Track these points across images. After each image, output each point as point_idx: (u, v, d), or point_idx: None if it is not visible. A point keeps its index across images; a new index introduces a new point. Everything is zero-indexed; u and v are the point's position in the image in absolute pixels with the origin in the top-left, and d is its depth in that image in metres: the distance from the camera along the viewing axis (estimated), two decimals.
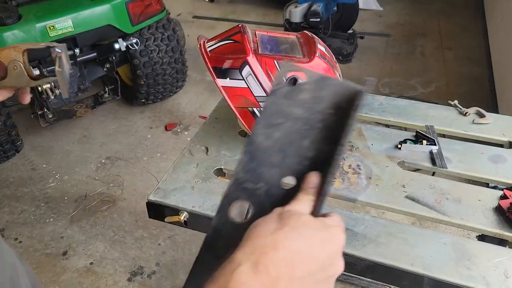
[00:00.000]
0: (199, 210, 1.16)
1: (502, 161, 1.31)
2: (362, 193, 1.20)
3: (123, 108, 3.53)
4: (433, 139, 1.35)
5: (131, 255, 2.31)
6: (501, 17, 3.76)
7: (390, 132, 1.44)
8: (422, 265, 1.01)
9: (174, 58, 3.24)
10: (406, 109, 1.55)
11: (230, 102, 1.24)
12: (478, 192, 1.20)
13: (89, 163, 2.96)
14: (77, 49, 2.75)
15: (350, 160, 1.32)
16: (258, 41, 1.29)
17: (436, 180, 1.25)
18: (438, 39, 4.48)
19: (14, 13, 2.44)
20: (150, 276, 2.21)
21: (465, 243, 1.06)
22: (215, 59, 1.23)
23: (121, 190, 2.74)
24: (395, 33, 4.62)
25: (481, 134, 1.44)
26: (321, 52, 1.26)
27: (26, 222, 2.51)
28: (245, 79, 1.20)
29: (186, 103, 3.57)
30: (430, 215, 1.14)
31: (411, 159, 1.32)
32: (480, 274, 0.98)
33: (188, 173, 1.29)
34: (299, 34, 1.37)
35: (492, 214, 1.13)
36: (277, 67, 1.20)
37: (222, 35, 1.32)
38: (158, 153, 3.05)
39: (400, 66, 4.02)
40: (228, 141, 1.42)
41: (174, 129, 3.28)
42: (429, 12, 5.10)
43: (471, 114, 1.52)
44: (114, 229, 2.47)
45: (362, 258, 1.03)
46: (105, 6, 2.72)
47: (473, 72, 3.89)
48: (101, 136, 3.23)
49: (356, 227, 1.10)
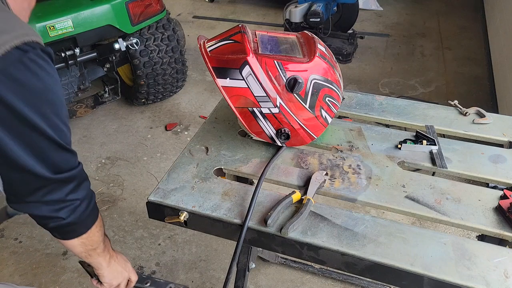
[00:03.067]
0: (199, 210, 1.16)
1: (502, 161, 1.31)
2: (362, 193, 1.20)
3: (123, 108, 3.53)
4: (433, 139, 1.35)
5: (131, 255, 2.31)
6: (501, 17, 3.76)
7: (390, 132, 1.44)
8: (422, 265, 1.01)
9: (174, 58, 3.25)
10: (406, 109, 1.55)
11: (230, 102, 1.24)
12: (478, 192, 1.20)
13: (89, 163, 2.96)
14: (77, 49, 2.75)
15: (350, 160, 1.32)
16: (258, 41, 1.29)
17: (436, 180, 1.25)
18: (438, 39, 4.48)
19: None
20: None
21: (465, 243, 1.06)
22: (215, 59, 1.23)
23: (121, 190, 2.74)
24: (395, 33, 4.62)
25: (481, 134, 1.44)
26: (321, 52, 1.26)
27: (26, 222, 2.50)
28: (245, 79, 1.20)
29: (186, 103, 3.58)
30: (430, 215, 1.14)
31: (411, 159, 1.32)
32: (480, 274, 0.98)
33: (188, 173, 1.29)
34: (299, 34, 1.37)
35: (492, 214, 1.13)
36: (277, 67, 1.20)
37: (222, 35, 1.32)
38: (158, 153, 3.05)
39: (400, 66, 4.02)
40: (228, 141, 1.42)
41: (174, 129, 3.28)
42: (429, 12, 5.10)
43: (471, 114, 1.52)
44: (114, 229, 2.47)
45: (362, 258, 1.03)
46: (105, 6, 2.72)
47: (473, 72, 3.89)
48: (101, 136, 3.23)
49: (356, 227, 1.10)
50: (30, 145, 0.86)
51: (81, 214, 1.01)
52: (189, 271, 2.23)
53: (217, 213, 1.15)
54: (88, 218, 1.05)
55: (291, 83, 1.20)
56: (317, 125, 1.30)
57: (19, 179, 0.90)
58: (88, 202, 1.03)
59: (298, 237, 1.08)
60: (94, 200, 1.07)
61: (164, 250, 2.34)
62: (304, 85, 1.21)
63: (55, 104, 0.88)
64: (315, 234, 1.08)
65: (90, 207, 1.04)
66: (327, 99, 1.27)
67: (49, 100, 0.87)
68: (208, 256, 2.30)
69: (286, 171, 1.28)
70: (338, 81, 1.31)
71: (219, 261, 2.27)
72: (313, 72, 1.22)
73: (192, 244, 2.36)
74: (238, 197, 1.20)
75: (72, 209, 0.98)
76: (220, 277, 2.19)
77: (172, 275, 2.21)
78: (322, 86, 1.24)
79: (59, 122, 0.89)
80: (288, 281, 2.15)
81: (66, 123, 0.92)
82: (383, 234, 1.08)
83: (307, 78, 1.21)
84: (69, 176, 0.95)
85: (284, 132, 1.28)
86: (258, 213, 1.14)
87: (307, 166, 1.30)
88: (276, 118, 1.25)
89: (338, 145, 1.39)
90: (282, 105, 1.23)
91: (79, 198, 0.99)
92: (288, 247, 1.10)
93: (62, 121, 0.90)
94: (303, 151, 1.36)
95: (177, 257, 2.30)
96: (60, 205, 0.97)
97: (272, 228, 1.10)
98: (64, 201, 0.96)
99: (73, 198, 0.98)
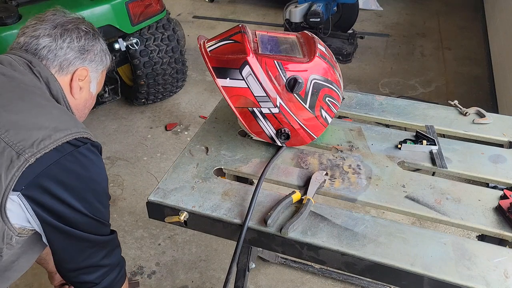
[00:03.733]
0: (199, 210, 1.16)
1: (502, 161, 1.31)
2: (362, 193, 1.20)
3: (123, 108, 3.53)
4: (433, 139, 1.35)
5: (131, 255, 2.31)
6: (501, 17, 3.76)
7: (390, 132, 1.44)
8: (422, 265, 1.01)
9: (174, 58, 3.25)
10: (406, 109, 1.55)
11: (230, 102, 1.24)
12: (478, 192, 1.20)
13: None
14: None
15: (350, 160, 1.32)
16: (258, 41, 1.29)
17: (436, 180, 1.25)
18: (437, 39, 4.48)
19: (14, 13, 2.44)
20: (150, 276, 2.21)
21: (465, 243, 1.06)
22: (215, 59, 1.23)
23: (121, 190, 2.74)
24: (395, 33, 4.62)
25: (481, 134, 1.44)
26: (321, 52, 1.26)
27: None
28: (245, 79, 1.20)
29: (186, 103, 3.57)
30: (430, 215, 1.14)
31: (411, 159, 1.32)
32: (480, 274, 0.98)
33: (188, 173, 1.29)
34: (299, 34, 1.37)
35: (492, 214, 1.13)
36: (277, 67, 1.20)
37: (222, 35, 1.32)
38: (158, 153, 3.05)
39: (400, 66, 4.02)
40: (228, 141, 1.42)
41: (174, 129, 3.28)
42: (429, 12, 5.10)
43: (471, 114, 1.52)
44: (114, 229, 2.47)
45: (362, 258, 1.03)
46: (105, 6, 2.72)
47: (473, 72, 3.89)
48: (101, 136, 3.23)
49: (356, 227, 1.10)
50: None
51: (112, 280, 1.11)
52: (189, 271, 2.23)
53: (217, 213, 1.15)
54: (118, 282, 1.15)
55: (291, 83, 1.20)
56: (317, 125, 1.30)
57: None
58: (120, 269, 1.15)
59: (298, 237, 1.08)
60: (124, 267, 1.18)
61: (164, 250, 2.34)
62: (304, 85, 1.21)
63: (97, 192, 1.04)
64: (315, 234, 1.08)
65: (121, 274, 1.15)
66: (327, 99, 1.27)
67: (92, 188, 1.02)
68: (208, 256, 2.30)
69: (286, 171, 1.28)
70: (338, 81, 1.31)
71: (219, 261, 2.27)
72: (313, 72, 1.22)
73: (192, 244, 2.36)
74: (238, 197, 1.20)
75: (105, 274, 1.09)
76: (220, 277, 2.18)
77: (172, 275, 2.21)
78: (322, 86, 1.24)
79: (100, 206, 1.05)
80: (288, 281, 2.15)
81: (106, 206, 1.09)
82: (383, 234, 1.08)
83: (307, 78, 1.21)
84: (102, 239, 1.08)
85: (284, 132, 1.28)
86: (258, 213, 1.14)
87: (307, 166, 1.30)
88: (276, 118, 1.25)
89: (338, 145, 1.39)
90: (282, 105, 1.23)
91: (112, 263, 1.12)
92: (288, 247, 1.10)
93: (103, 205, 1.06)
94: (303, 151, 1.36)
95: (177, 257, 2.30)
96: (94, 270, 1.08)
97: (272, 228, 1.10)
98: (98, 266, 1.08)
99: (106, 263, 1.10)
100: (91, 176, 1.01)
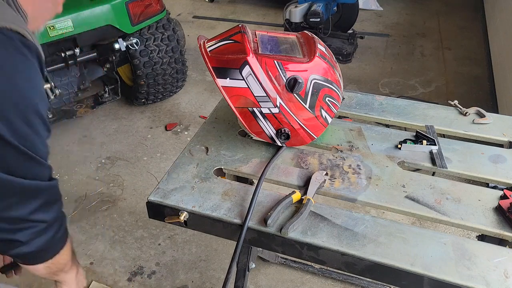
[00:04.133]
0: (199, 210, 1.16)
1: (502, 161, 1.31)
2: (362, 193, 1.20)
3: (123, 108, 3.53)
4: (433, 139, 1.35)
5: (131, 255, 2.31)
6: (501, 17, 3.76)
7: (390, 132, 1.44)
8: (422, 265, 1.01)
9: (174, 58, 3.25)
10: (406, 109, 1.55)
11: (230, 102, 1.24)
12: (478, 192, 1.20)
13: (89, 163, 2.97)
14: (77, 49, 2.75)
15: (350, 160, 1.32)
16: (258, 41, 1.29)
17: (436, 180, 1.25)
18: (437, 39, 4.48)
19: None
20: (150, 276, 2.21)
21: (465, 243, 1.06)
22: (215, 59, 1.23)
23: (121, 190, 2.74)
24: (395, 33, 4.62)
25: (481, 134, 1.44)
26: (321, 52, 1.26)
27: None
28: (245, 79, 1.20)
29: (186, 103, 3.58)
30: (430, 215, 1.14)
31: (411, 159, 1.32)
32: (480, 274, 0.98)
33: (188, 173, 1.29)
34: (299, 34, 1.37)
35: (492, 214, 1.13)
36: (277, 67, 1.20)
37: (222, 35, 1.32)
38: (158, 153, 3.05)
39: (400, 66, 4.02)
40: (228, 141, 1.42)
41: (174, 129, 3.28)
42: (429, 12, 5.10)
43: (471, 114, 1.52)
44: (114, 229, 2.47)
45: (362, 258, 1.03)
46: (105, 6, 2.72)
47: (473, 72, 3.89)
48: (101, 136, 3.23)
49: (356, 227, 1.10)
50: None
51: (47, 241, 0.86)
52: (189, 271, 2.23)
53: (217, 213, 1.15)
54: (56, 244, 0.91)
55: (291, 83, 1.20)
56: (317, 125, 1.30)
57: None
58: (58, 227, 0.88)
59: (298, 237, 1.08)
60: (66, 225, 0.93)
61: (164, 250, 2.34)
62: (304, 85, 1.21)
63: (23, 109, 0.73)
64: (315, 234, 1.08)
65: (60, 233, 0.90)
66: (327, 99, 1.27)
67: (14, 102, 0.71)
68: (208, 256, 2.30)
69: (286, 171, 1.28)
70: (338, 81, 1.31)
71: (219, 261, 2.27)
72: (313, 72, 1.22)
73: (192, 244, 2.36)
74: (238, 197, 1.20)
75: (36, 233, 0.82)
76: (220, 277, 2.19)
77: (172, 275, 2.21)
78: (322, 86, 1.24)
79: (29, 131, 0.75)
80: (288, 281, 2.15)
81: (40, 135, 0.78)
82: (383, 234, 1.08)
83: (307, 78, 1.21)
84: (34, 186, 0.79)
85: (284, 132, 1.28)
86: (258, 213, 1.14)
87: (307, 166, 1.30)
88: (276, 118, 1.25)
89: (338, 145, 1.39)
90: (282, 105, 1.23)
91: (47, 220, 0.84)
92: (288, 247, 1.10)
93: (33, 130, 0.75)
94: (303, 151, 1.36)
95: (177, 257, 2.30)
96: (20, 225, 0.80)
97: (272, 228, 1.10)
98: (26, 220, 0.80)
99: (39, 219, 0.82)
100: (15, 84, 0.70)
